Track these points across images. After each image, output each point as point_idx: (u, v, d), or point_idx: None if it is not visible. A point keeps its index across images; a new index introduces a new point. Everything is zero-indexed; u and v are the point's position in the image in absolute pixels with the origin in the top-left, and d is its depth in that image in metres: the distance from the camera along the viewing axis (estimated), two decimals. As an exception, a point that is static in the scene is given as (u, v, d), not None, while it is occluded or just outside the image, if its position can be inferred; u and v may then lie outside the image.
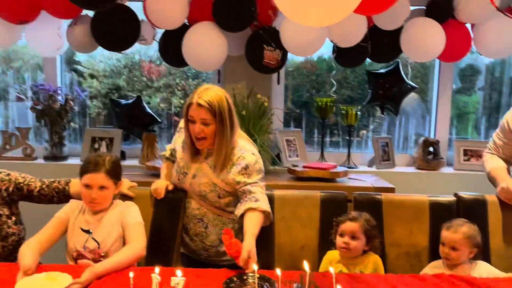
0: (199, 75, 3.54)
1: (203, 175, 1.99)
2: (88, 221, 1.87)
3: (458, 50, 2.87)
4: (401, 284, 1.64)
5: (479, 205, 2.07)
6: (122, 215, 1.88)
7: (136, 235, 1.83)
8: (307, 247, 2.09)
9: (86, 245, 1.83)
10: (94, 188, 1.81)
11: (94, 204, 1.84)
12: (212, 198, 1.99)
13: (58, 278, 1.51)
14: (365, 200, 2.12)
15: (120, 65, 3.56)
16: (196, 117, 1.89)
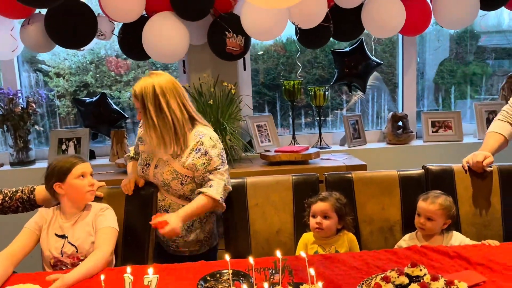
0: (169, 66, 3.48)
1: (164, 164, 2.02)
2: (62, 226, 1.84)
3: (418, 23, 2.89)
4: (374, 259, 1.67)
5: (446, 175, 2.11)
6: (96, 219, 1.86)
7: (103, 240, 1.79)
8: (282, 231, 2.11)
9: (63, 250, 1.80)
10: (88, 176, 1.86)
11: (93, 191, 1.87)
12: (175, 186, 2.02)
13: None
14: (336, 179, 2.13)
15: (86, 61, 3.47)
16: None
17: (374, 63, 3.22)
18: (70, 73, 3.46)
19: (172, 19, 2.65)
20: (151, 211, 2.02)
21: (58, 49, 2.93)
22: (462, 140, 3.27)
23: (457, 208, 2.06)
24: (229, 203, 2.10)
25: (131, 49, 2.83)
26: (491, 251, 1.70)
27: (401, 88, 3.41)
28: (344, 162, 2.81)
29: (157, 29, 2.64)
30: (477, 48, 3.67)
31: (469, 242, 1.89)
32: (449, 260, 1.64)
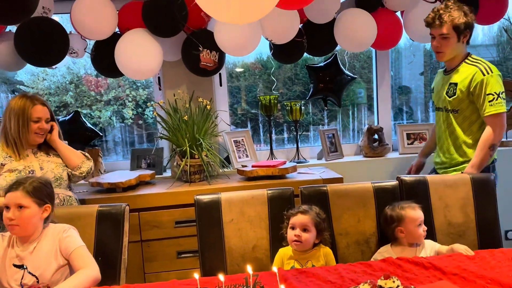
0: (150, 84, 3.46)
1: (47, 162, 2.25)
2: (19, 255, 1.73)
3: (390, 37, 2.94)
4: (349, 272, 1.65)
5: (420, 186, 2.12)
6: (60, 242, 1.76)
7: (85, 258, 1.74)
8: (258, 247, 2.07)
9: (23, 282, 1.70)
10: (12, 207, 1.70)
11: (12, 227, 1.70)
12: (66, 176, 2.29)
13: None
14: (311, 192, 2.12)
15: (66, 81, 3.43)
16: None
17: (349, 78, 3.26)
18: (49, 93, 3.42)
19: (145, 36, 2.64)
20: (123, 229, 1.97)
21: (36, 69, 2.90)
22: (437, 152, 3.30)
23: (431, 218, 2.07)
24: (204, 221, 2.07)
25: (104, 67, 2.80)
26: (465, 261, 1.69)
27: (376, 102, 3.45)
28: (321, 175, 2.81)
29: (129, 46, 2.62)
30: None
31: (440, 247, 1.90)
32: (424, 271, 1.63)
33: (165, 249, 2.66)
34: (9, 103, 2.21)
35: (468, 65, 2.35)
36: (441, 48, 2.34)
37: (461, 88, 2.32)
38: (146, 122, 3.53)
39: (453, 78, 2.37)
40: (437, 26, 2.31)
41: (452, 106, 2.38)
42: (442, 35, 2.31)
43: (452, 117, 2.40)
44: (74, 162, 2.33)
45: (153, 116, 3.27)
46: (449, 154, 2.44)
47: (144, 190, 2.75)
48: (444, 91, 2.41)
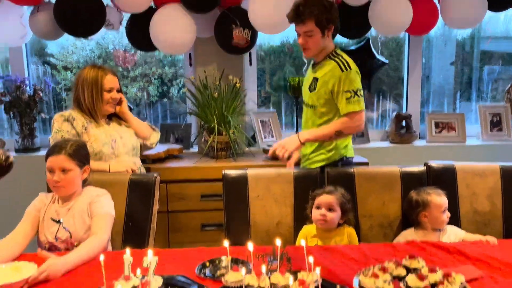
0: (175, 62, 3.50)
1: (124, 130, 2.32)
2: (57, 211, 1.83)
3: (425, 22, 2.90)
4: (373, 252, 1.67)
5: (448, 173, 2.11)
6: (90, 205, 1.83)
7: (100, 226, 1.77)
8: (282, 224, 2.11)
9: (57, 235, 1.80)
10: (56, 171, 1.77)
11: (57, 188, 1.79)
12: (139, 146, 2.36)
13: (23, 268, 1.47)
14: (337, 174, 2.14)
15: (94, 55, 3.49)
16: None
17: (380, 62, 3.23)
18: (78, 67, 3.47)
19: (180, 11, 2.67)
20: (152, 198, 2.04)
21: (66, 42, 2.95)
22: (465, 142, 3.27)
23: (457, 206, 2.07)
24: (231, 195, 2.12)
25: (138, 40, 2.85)
26: (490, 248, 1.70)
27: (406, 88, 3.41)
28: (347, 159, 2.81)
29: (165, 21, 2.66)
30: (483, 53, 3.67)
31: (464, 234, 1.91)
32: (448, 255, 1.64)
33: (190, 221, 2.74)
34: (81, 74, 2.24)
35: (330, 60, 2.22)
36: (307, 44, 2.19)
37: (321, 83, 2.21)
38: (170, 100, 3.57)
39: (316, 73, 2.26)
40: (300, 23, 2.15)
41: (312, 101, 2.27)
42: (307, 32, 2.16)
43: (310, 112, 2.30)
44: (144, 133, 2.40)
45: (177, 94, 3.32)
46: (307, 146, 2.32)
47: (172, 163, 2.81)
48: (307, 85, 2.31)
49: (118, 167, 2.21)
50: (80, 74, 2.25)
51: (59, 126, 2.20)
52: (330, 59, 2.23)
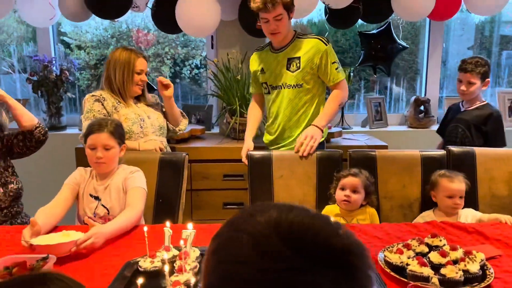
0: (188, 43, 3.55)
1: (151, 111, 2.41)
2: (96, 188, 1.92)
3: (448, 8, 2.90)
4: (396, 231, 1.75)
5: (468, 157, 2.17)
6: (125, 180, 1.92)
7: (135, 198, 1.85)
8: (305, 203, 2.19)
9: (96, 211, 1.89)
10: (99, 147, 1.85)
11: (99, 164, 1.86)
12: (166, 127, 2.48)
13: (72, 236, 1.56)
14: (360, 156, 2.21)
15: (108, 35, 3.55)
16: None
17: (400, 47, 3.25)
18: (92, 46, 3.53)
19: (205, -6, 2.71)
20: (182, 175, 2.13)
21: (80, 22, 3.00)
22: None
23: (476, 189, 2.13)
24: (255, 175, 2.20)
25: (164, 22, 2.90)
26: (508, 228, 1.77)
27: (425, 73, 3.44)
28: (366, 142, 2.89)
29: (190, 4, 2.70)
30: (502, 37, 3.67)
31: (481, 215, 1.97)
32: (467, 235, 1.72)
33: (213, 199, 2.84)
34: (113, 55, 2.34)
35: (304, 39, 2.32)
36: (278, 28, 2.24)
37: (305, 60, 2.29)
38: (182, 80, 3.63)
39: (291, 54, 2.32)
40: (271, 9, 2.16)
41: (296, 81, 2.32)
42: (276, 17, 2.20)
43: (294, 92, 2.34)
44: (177, 119, 2.53)
45: (189, 75, 3.38)
46: (289, 130, 2.39)
47: (195, 144, 2.90)
48: (283, 67, 2.34)
49: (147, 145, 2.30)
50: (112, 55, 2.33)
51: (90, 106, 2.29)
52: (302, 38, 2.34)
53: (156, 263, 1.38)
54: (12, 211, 2.05)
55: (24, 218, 2.12)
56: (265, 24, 2.25)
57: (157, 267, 1.38)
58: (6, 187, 2.04)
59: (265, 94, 2.48)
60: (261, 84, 2.45)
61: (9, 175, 2.08)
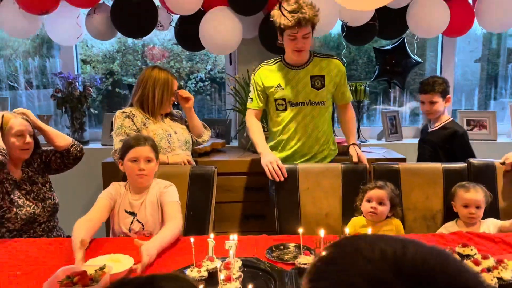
0: (193, 57, 3.63)
1: (177, 126, 2.49)
2: (131, 203, 1.97)
3: (461, 25, 3.00)
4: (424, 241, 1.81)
5: (488, 170, 2.24)
6: (161, 195, 1.97)
7: (174, 211, 1.90)
8: (331, 215, 2.27)
9: (131, 227, 1.94)
10: (142, 160, 1.93)
11: (141, 176, 1.93)
12: (191, 141, 2.54)
13: (122, 260, 1.59)
14: (383, 169, 2.28)
15: (113, 50, 3.60)
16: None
17: (414, 62, 3.34)
18: (97, 61, 3.59)
19: (228, 14, 2.82)
20: (212, 188, 2.20)
21: (86, 36, 3.09)
22: (496, 140, 3.38)
23: (497, 201, 2.19)
24: (282, 187, 2.27)
25: (187, 40, 3.01)
26: (533, 238, 1.83)
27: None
28: (384, 155, 2.96)
29: (214, 23, 2.81)
30: (509, 50, 3.76)
31: (502, 222, 2.03)
32: (494, 245, 1.78)
33: (234, 211, 2.90)
34: (150, 74, 2.41)
35: (325, 59, 2.42)
36: (304, 47, 2.29)
37: (329, 79, 2.39)
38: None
39: (313, 71, 2.39)
40: (303, 26, 2.20)
41: (320, 98, 2.40)
42: (305, 35, 2.25)
43: (317, 109, 2.41)
44: (199, 131, 2.59)
45: (194, 88, 3.48)
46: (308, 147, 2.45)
47: (217, 157, 2.98)
48: (307, 85, 2.39)
49: (175, 158, 2.38)
50: (150, 74, 2.41)
51: (121, 123, 2.37)
52: (323, 57, 2.43)
53: (203, 272, 1.45)
54: (49, 226, 2.12)
55: (59, 231, 2.19)
56: (292, 42, 2.29)
57: (203, 277, 1.44)
58: (45, 203, 2.11)
59: (278, 111, 2.45)
60: (274, 100, 2.43)
61: (47, 190, 2.16)
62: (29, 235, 2.04)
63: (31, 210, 2.05)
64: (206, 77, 3.66)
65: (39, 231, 2.08)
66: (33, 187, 2.11)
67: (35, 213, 2.06)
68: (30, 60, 3.54)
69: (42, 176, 2.17)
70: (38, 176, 2.14)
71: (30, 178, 2.12)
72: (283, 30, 2.27)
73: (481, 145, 3.34)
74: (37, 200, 2.09)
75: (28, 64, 3.53)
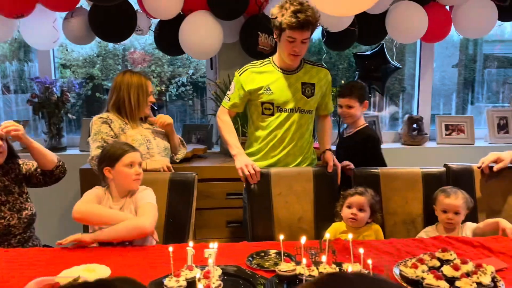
0: (174, 61, 3.60)
1: (156, 132, 2.47)
2: (112, 207, 1.95)
3: (439, 31, 3.05)
4: (404, 246, 1.82)
5: (466, 174, 2.27)
6: (136, 199, 1.96)
7: (143, 212, 1.88)
8: (304, 219, 2.26)
9: None
10: (136, 165, 1.95)
11: (137, 180, 1.96)
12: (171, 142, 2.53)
13: (97, 270, 1.55)
14: (364, 174, 2.29)
15: (93, 54, 3.54)
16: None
17: (393, 67, 3.38)
18: (77, 65, 3.52)
19: (208, 18, 2.80)
20: (192, 195, 2.17)
21: (65, 40, 3.04)
22: (473, 144, 3.43)
23: (475, 204, 2.22)
24: (255, 192, 2.25)
25: (167, 45, 2.97)
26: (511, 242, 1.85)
27: (417, 92, 3.57)
28: (364, 159, 2.97)
29: (194, 27, 2.78)
30: (486, 56, 3.84)
31: (478, 224, 2.05)
32: (473, 249, 1.80)
33: (216, 217, 2.87)
34: (123, 79, 2.39)
35: (314, 67, 2.36)
36: (302, 51, 2.22)
37: (318, 88, 2.33)
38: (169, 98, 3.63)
39: (304, 78, 2.31)
40: (305, 30, 2.13)
41: (309, 107, 2.34)
42: (304, 40, 2.17)
43: (305, 118, 2.34)
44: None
45: (175, 93, 3.46)
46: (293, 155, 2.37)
47: (198, 163, 2.95)
48: (297, 91, 2.30)
49: (154, 165, 2.34)
50: (122, 79, 2.39)
51: (98, 128, 2.32)
52: (313, 65, 2.38)
53: (181, 282, 1.42)
54: (25, 236, 2.05)
55: (35, 241, 2.12)
56: (290, 44, 2.17)
57: (182, 286, 1.41)
58: (21, 214, 2.04)
59: (264, 115, 2.33)
60: (261, 103, 2.30)
61: (24, 201, 2.08)
62: (3, 247, 1.97)
63: (5, 222, 1.99)
64: (188, 82, 3.63)
65: (14, 242, 2.01)
66: (8, 197, 2.04)
67: (10, 224, 2.00)
68: (7, 64, 3.46)
69: (19, 186, 2.09)
70: (14, 186, 2.07)
71: (6, 187, 2.04)
72: (283, 30, 2.15)
73: (459, 149, 3.39)
74: (13, 211, 2.03)
75: (5, 68, 3.45)
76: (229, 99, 2.39)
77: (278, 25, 2.16)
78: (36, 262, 1.69)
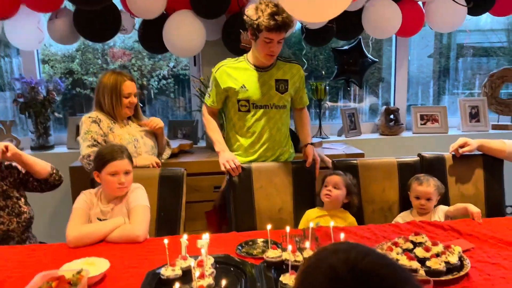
0: (154, 55, 3.63)
1: (145, 131, 2.52)
2: (103, 211, 2.01)
3: (412, 26, 3.19)
4: (381, 231, 1.97)
5: (439, 162, 2.43)
6: (127, 198, 2.02)
7: (135, 219, 1.93)
8: (283, 209, 2.39)
9: None
10: (121, 174, 1.97)
11: (122, 189, 1.98)
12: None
13: (97, 263, 1.61)
14: (343, 165, 2.42)
15: (72, 48, 3.54)
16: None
17: (370, 61, 3.52)
18: (56, 60, 3.52)
19: (191, 17, 2.88)
20: (181, 190, 2.28)
21: (50, 40, 3.06)
22: (447, 132, 3.61)
23: (447, 191, 2.38)
24: (237, 186, 2.37)
25: (150, 43, 3.05)
26: (478, 225, 2.02)
27: (393, 84, 3.72)
28: (344, 150, 3.12)
29: (177, 26, 2.86)
30: (460, 46, 4.01)
31: (448, 208, 2.20)
32: (443, 232, 1.95)
33: (204, 210, 2.97)
34: (101, 79, 2.42)
35: (288, 63, 2.44)
36: (277, 51, 2.31)
37: (291, 84, 2.42)
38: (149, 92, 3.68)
39: (277, 74, 2.40)
40: (282, 31, 2.21)
41: (283, 102, 2.42)
42: (280, 40, 2.25)
43: (280, 113, 2.44)
44: (163, 149, 2.66)
45: (157, 86, 3.52)
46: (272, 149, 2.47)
47: (185, 158, 3.04)
48: (271, 88, 2.39)
49: (143, 161, 2.43)
50: (100, 79, 2.44)
51: (88, 128, 2.39)
52: (285, 61, 2.45)
53: (177, 271, 1.53)
54: (23, 238, 2.12)
55: (31, 239, 2.19)
56: (267, 45, 2.24)
57: (178, 275, 1.52)
58: (20, 218, 2.09)
59: (240, 112, 2.41)
60: (237, 100, 2.39)
61: (22, 204, 2.13)
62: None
63: (5, 227, 2.04)
64: (169, 74, 3.67)
65: (13, 244, 2.07)
66: (7, 202, 2.08)
67: (9, 229, 2.06)
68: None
69: (17, 190, 2.14)
70: (13, 190, 2.11)
71: (5, 192, 2.09)
72: (260, 31, 2.21)
73: (434, 138, 3.57)
74: (12, 215, 2.07)
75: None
76: (209, 96, 2.50)
77: (255, 26, 2.21)
78: (37, 257, 1.77)
